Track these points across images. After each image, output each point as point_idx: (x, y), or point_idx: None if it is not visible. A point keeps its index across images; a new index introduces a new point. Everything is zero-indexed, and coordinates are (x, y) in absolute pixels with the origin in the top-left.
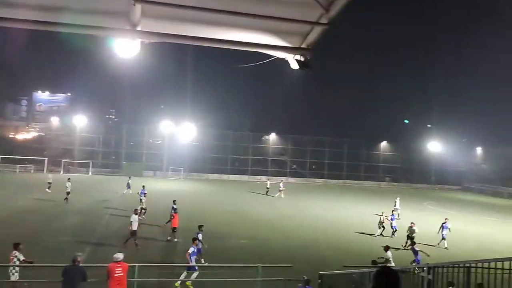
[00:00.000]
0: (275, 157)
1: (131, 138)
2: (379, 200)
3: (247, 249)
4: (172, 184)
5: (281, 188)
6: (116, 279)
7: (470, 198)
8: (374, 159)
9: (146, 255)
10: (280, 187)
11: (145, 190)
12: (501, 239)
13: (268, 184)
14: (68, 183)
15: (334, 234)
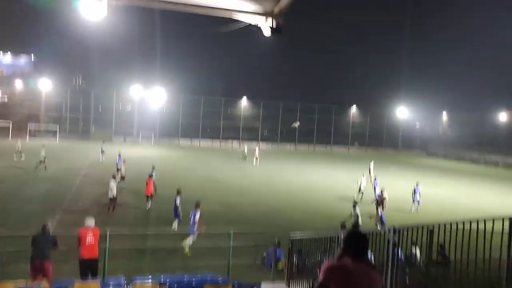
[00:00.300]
0: (246, 122)
1: (99, 103)
2: (348, 165)
3: (218, 215)
4: (143, 150)
5: (256, 155)
6: (87, 246)
7: (435, 163)
8: (344, 124)
9: (120, 221)
10: (255, 153)
11: (121, 157)
12: (463, 203)
13: (245, 150)
14: (43, 150)
15: (305, 198)
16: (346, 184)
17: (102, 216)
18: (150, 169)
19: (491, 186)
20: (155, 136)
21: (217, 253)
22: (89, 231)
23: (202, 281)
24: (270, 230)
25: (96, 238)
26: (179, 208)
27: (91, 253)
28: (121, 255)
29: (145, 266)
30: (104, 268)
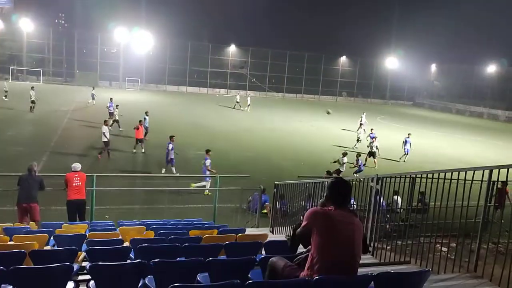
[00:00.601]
0: (234, 69)
1: (83, 45)
2: (335, 114)
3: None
4: (129, 95)
5: (249, 102)
6: (74, 188)
7: (421, 113)
8: (333, 73)
9: (111, 166)
10: (248, 101)
11: (112, 102)
12: (446, 152)
13: (238, 98)
14: (32, 92)
15: (291, 146)
16: (332, 133)
17: (91, 158)
18: (142, 115)
19: (475, 137)
20: (142, 81)
21: (204, 197)
22: (75, 174)
23: (188, 226)
24: (257, 175)
25: (83, 180)
26: (171, 153)
27: (78, 195)
28: (109, 199)
29: (133, 210)
30: (91, 211)
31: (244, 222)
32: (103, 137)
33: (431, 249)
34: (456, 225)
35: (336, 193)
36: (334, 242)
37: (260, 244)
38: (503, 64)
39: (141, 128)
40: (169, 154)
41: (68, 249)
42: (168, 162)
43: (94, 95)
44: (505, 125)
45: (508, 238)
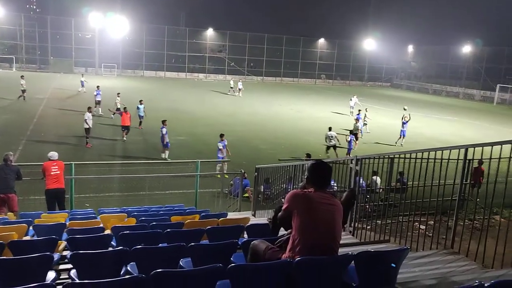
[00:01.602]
0: (212, 53)
1: (57, 31)
2: (314, 97)
3: (186, 145)
4: (106, 81)
5: (240, 87)
6: (53, 177)
7: (399, 94)
8: (311, 56)
9: (91, 153)
10: (238, 86)
11: (100, 90)
12: (424, 132)
13: (231, 83)
14: (23, 81)
15: (271, 129)
16: (311, 115)
17: (70, 146)
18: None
19: (451, 117)
20: (118, 67)
21: (185, 183)
22: (53, 163)
23: (169, 212)
24: (237, 160)
25: (61, 169)
26: (165, 137)
27: (57, 184)
28: (89, 187)
29: (113, 198)
30: (71, 200)
31: (226, 207)
32: (85, 124)
33: (410, 228)
34: (434, 204)
35: (316, 175)
36: (314, 224)
37: (242, 228)
38: (478, 44)
39: (125, 115)
40: (164, 138)
41: (48, 238)
42: (165, 146)
43: (84, 82)
44: (480, 104)
45: (483, 215)
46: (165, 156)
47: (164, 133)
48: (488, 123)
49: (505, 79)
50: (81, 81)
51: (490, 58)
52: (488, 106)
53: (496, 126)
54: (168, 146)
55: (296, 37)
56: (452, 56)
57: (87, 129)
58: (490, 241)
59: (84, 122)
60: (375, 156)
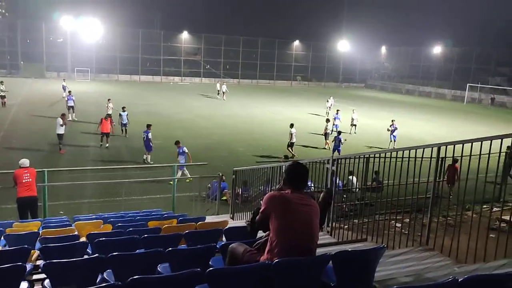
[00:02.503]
0: (188, 56)
1: (27, 35)
2: (291, 99)
3: (163, 149)
4: (79, 86)
5: (224, 90)
6: (24, 184)
7: (373, 94)
8: (287, 58)
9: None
10: (223, 88)
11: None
12: (398, 132)
13: (218, 86)
14: (2, 86)
15: (248, 132)
16: (288, 117)
17: (43, 153)
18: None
19: (424, 116)
20: (92, 71)
21: (162, 187)
22: (25, 170)
23: (146, 217)
24: (215, 162)
25: (33, 176)
26: (150, 141)
27: (29, 191)
28: (63, 194)
29: (89, 204)
30: (44, 208)
31: (204, 210)
32: (58, 129)
33: (386, 226)
34: (409, 202)
35: (293, 176)
36: (292, 225)
37: (221, 231)
38: (448, 45)
39: (105, 122)
40: (149, 142)
41: (20, 248)
42: (149, 149)
43: (66, 87)
44: (451, 104)
45: (456, 211)
46: (148, 160)
47: (149, 137)
48: (459, 121)
49: (474, 78)
50: (62, 85)
51: (460, 59)
52: (459, 105)
53: (467, 124)
54: (151, 150)
55: (271, 39)
56: (423, 56)
57: (60, 135)
58: (463, 237)
59: (57, 127)
60: (351, 156)
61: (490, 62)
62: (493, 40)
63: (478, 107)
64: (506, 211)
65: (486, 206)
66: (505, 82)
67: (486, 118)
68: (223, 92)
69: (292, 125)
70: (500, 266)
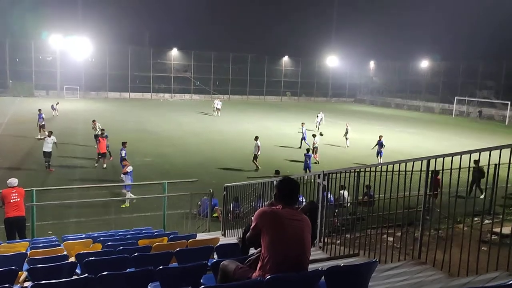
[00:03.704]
0: (178, 73)
1: (16, 54)
2: (281, 114)
3: (153, 167)
4: (69, 104)
5: (218, 107)
6: (12, 204)
7: (362, 109)
8: (276, 74)
9: (53, 178)
10: (216, 105)
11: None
12: (388, 145)
13: (215, 103)
14: None
15: (238, 147)
16: (278, 132)
17: (31, 172)
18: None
19: (413, 130)
20: (81, 89)
21: (152, 205)
22: (13, 190)
23: (137, 236)
24: (205, 179)
25: (22, 196)
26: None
27: (17, 211)
28: (51, 214)
29: (78, 223)
30: (32, 228)
31: (195, 228)
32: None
33: (378, 240)
34: (400, 215)
35: (284, 192)
36: (283, 240)
37: (212, 249)
38: (435, 60)
39: (102, 142)
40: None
41: (8, 269)
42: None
43: (55, 107)
44: (439, 117)
45: (447, 224)
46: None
47: (123, 155)
48: (447, 134)
49: (462, 92)
50: (52, 105)
51: (447, 73)
52: (447, 118)
53: (455, 137)
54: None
55: (260, 56)
56: (411, 71)
57: (47, 153)
58: (455, 250)
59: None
60: (342, 171)
61: (477, 75)
62: (478, 54)
63: (466, 120)
64: (497, 224)
65: (477, 218)
66: (492, 95)
67: (474, 131)
68: (218, 109)
69: (256, 138)
70: (492, 279)
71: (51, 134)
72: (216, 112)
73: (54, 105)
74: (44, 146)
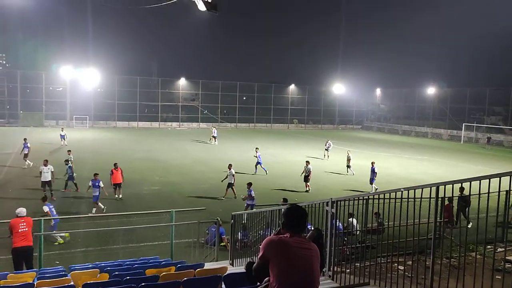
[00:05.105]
0: (185, 102)
1: (27, 85)
2: (288, 142)
3: (160, 195)
4: (78, 134)
5: (215, 135)
6: (20, 234)
7: (370, 136)
8: (283, 102)
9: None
10: (213, 133)
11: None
12: (395, 172)
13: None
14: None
15: (246, 175)
16: (286, 159)
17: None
18: (97, 155)
19: (422, 156)
20: (90, 118)
21: (160, 234)
22: (21, 219)
23: (144, 265)
24: (213, 207)
25: (30, 225)
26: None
27: (25, 241)
28: (58, 243)
29: (85, 253)
30: (40, 258)
31: (202, 257)
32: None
33: (389, 269)
34: (411, 243)
35: (291, 220)
36: (292, 269)
37: (220, 278)
38: (442, 87)
39: (115, 172)
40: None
41: None
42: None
43: (64, 135)
44: (448, 143)
45: (459, 253)
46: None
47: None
48: (456, 161)
49: (470, 118)
50: (60, 135)
51: (454, 99)
52: (456, 145)
53: (464, 163)
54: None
55: (267, 84)
56: (418, 97)
57: (46, 182)
58: (468, 279)
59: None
60: (350, 198)
61: (484, 101)
62: (485, 80)
63: (475, 147)
64: (510, 251)
65: (490, 246)
66: (501, 121)
67: (483, 157)
68: (214, 137)
69: (230, 166)
70: None
71: (47, 163)
72: (213, 140)
73: (62, 133)
74: (42, 176)
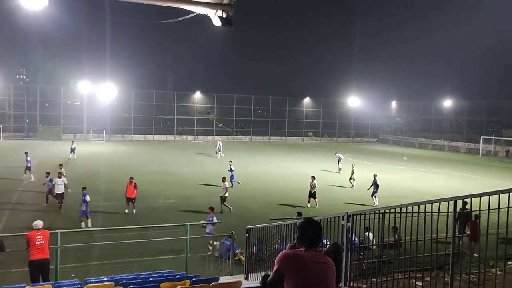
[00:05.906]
0: (200, 116)
1: (45, 99)
2: (303, 155)
3: (175, 208)
4: (95, 147)
5: (220, 148)
6: (37, 247)
7: (386, 149)
8: (298, 115)
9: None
10: (218, 146)
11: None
12: (412, 186)
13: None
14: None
15: (261, 188)
16: (300, 172)
17: (54, 214)
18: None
19: (438, 170)
20: (107, 132)
21: (175, 247)
22: (38, 232)
23: (159, 279)
24: (228, 221)
25: (46, 238)
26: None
27: (41, 254)
28: (73, 256)
29: (101, 266)
30: (56, 271)
31: (217, 271)
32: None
33: (407, 285)
34: (429, 258)
35: (306, 234)
36: (307, 284)
37: None
38: (458, 99)
39: (129, 186)
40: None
41: None
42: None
43: (74, 148)
44: (465, 156)
45: (479, 268)
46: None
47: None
48: (474, 174)
49: (487, 131)
50: (71, 148)
51: (471, 111)
52: (474, 158)
53: (483, 177)
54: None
55: (282, 97)
56: (434, 110)
57: (59, 194)
58: None
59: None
60: (366, 212)
61: (502, 114)
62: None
63: (493, 160)
64: None
65: (511, 262)
66: None
67: (502, 171)
68: (218, 150)
69: (224, 179)
70: None
71: (61, 175)
72: (218, 153)
73: (72, 147)
74: (56, 188)
